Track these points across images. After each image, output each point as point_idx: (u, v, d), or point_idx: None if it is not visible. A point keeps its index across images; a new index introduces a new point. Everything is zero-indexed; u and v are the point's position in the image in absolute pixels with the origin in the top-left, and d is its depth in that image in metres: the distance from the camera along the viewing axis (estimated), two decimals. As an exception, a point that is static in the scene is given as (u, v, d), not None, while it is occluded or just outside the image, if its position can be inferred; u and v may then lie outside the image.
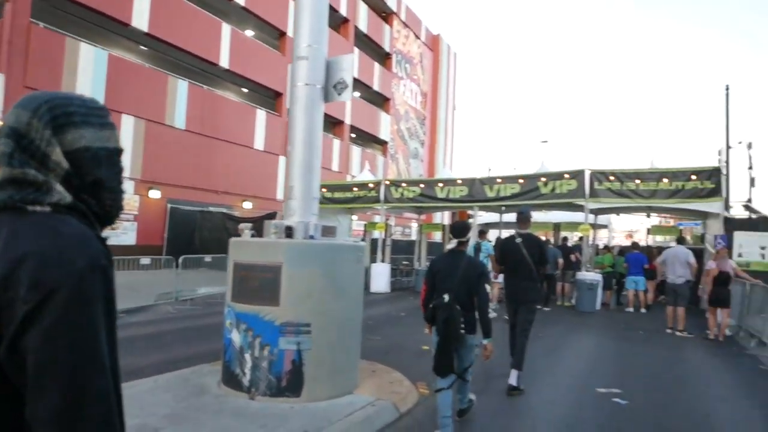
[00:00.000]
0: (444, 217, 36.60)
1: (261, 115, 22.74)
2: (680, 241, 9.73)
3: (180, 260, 11.32)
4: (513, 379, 5.08)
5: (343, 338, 4.72)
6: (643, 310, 11.71)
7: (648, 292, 12.02)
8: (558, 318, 10.34)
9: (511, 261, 5.39)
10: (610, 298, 12.70)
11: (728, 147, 19.56)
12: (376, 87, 31.98)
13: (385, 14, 33.64)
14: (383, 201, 15.29)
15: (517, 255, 5.31)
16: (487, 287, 11.47)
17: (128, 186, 17.07)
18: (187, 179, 18.90)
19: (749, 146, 21.57)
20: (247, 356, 4.43)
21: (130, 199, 17.12)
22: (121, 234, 16.69)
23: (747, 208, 13.21)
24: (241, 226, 5.33)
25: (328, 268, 4.59)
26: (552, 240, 18.11)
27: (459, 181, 14.24)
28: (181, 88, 18.74)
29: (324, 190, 16.71)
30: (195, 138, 19.23)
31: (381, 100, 33.51)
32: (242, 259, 4.69)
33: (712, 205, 11.67)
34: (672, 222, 30.24)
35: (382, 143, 33.91)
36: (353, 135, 31.51)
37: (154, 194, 17.79)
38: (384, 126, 33.29)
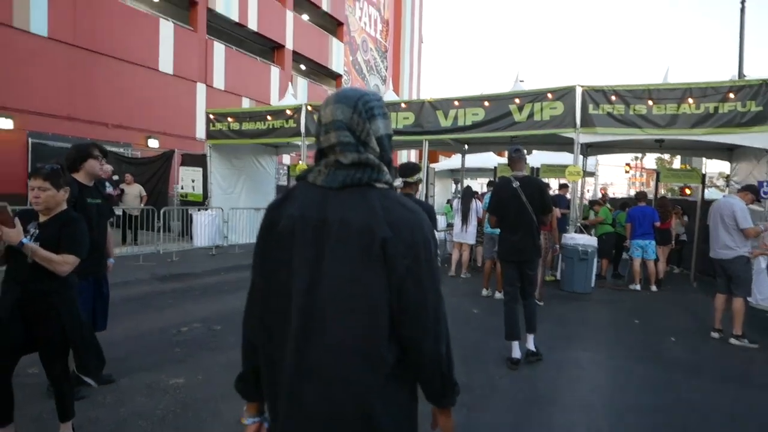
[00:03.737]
0: (410, 157, 32.46)
1: (167, 27, 17.82)
2: (749, 188, 5.75)
3: None
4: (530, 344, 4.45)
5: None
6: (653, 288, 8.25)
7: (659, 262, 8.53)
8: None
9: (510, 211, 4.40)
10: (606, 270, 9.17)
11: (740, 73, 15.90)
12: (325, 7, 26.86)
13: None
14: (304, 134, 11.25)
15: (516, 203, 4.35)
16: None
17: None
18: (57, 106, 14.24)
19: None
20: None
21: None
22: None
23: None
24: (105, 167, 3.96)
25: None
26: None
27: (403, 105, 10.25)
28: (37, -23, 13.75)
29: (230, 119, 12.45)
30: (65, 50, 14.42)
31: (333, 25, 28.42)
32: None
33: (756, 138, 8.13)
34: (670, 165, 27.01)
35: (336, 76, 29.15)
36: (302, 66, 26.75)
37: (4, 124, 13.20)
38: (337, 56, 28.42)
